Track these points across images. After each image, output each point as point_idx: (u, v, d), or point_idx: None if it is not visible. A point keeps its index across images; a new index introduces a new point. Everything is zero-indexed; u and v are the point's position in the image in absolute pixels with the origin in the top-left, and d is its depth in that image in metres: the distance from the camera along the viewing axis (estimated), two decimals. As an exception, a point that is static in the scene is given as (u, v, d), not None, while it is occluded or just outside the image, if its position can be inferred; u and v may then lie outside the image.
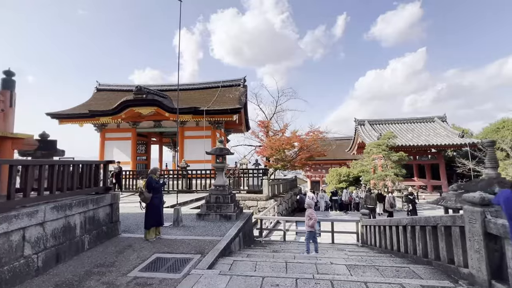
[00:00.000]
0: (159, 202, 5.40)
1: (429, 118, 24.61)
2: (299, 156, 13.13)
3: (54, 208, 3.88)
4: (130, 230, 6.12)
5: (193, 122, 17.78)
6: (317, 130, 14.12)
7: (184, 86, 20.73)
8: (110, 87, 20.88)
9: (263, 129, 13.94)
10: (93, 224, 4.79)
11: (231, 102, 17.02)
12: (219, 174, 7.61)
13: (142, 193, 5.20)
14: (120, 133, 18.19)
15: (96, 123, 17.01)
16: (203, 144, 17.30)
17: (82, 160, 4.85)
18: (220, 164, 7.55)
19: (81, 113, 16.47)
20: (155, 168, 5.65)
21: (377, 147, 17.51)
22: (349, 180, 33.17)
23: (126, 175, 14.44)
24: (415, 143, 20.21)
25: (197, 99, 18.22)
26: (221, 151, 7.48)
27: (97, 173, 5.16)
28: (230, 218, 6.96)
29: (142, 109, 15.91)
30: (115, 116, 16.09)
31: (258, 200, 12.04)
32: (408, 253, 4.90)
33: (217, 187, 7.41)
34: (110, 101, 18.15)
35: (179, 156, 17.47)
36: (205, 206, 7.25)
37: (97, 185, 5.16)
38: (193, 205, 10.63)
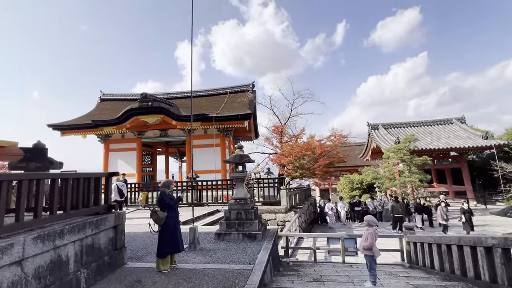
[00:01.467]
0: (175, 223, 4.36)
1: (447, 120, 23.44)
2: (317, 163, 12.08)
3: (38, 239, 2.86)
4: (138, 256, 5.06)
5: (201, 130, 16.89)
6: (339, 133, 13.09)
7: (189, 94, 19.99)
8: (114, 96, 20.22)
9: (277, 135, 12.94)
10: (92, 254, 3.76)
11: (240, 108, 16.14)
12: (239, 185, 6.58)
13: (155, 212, 4.17)
14: (125, 144, 17.34)
15: (100, 133, 16.21)
16: (212, 153, 16.36)
17: (78, 173, 3.87)
18: (240, 173, 6.52)
19: (84, 123, 15.69)
20: (168, 181, 4.64)
21: (397, 151, 16.34)
22: (363, 188, 31.73)
23: (132, 188, 13.46)
24: (435, 146, 18.99)
25: (205, 106, 17.39)
26: (241, 159, 6.47)
27: (98, 188, 4.17)
28: (255, 237, 5.86)
29: (147, 117, 15.09)
30: (120, 125, 15.27)
31: (276, 212, 10.91)
32: (501, 284, 3.75)
33: (238, 201, 6.36)
34: (114, 111, 17.41)
35: (187, 166, 16.48)
36: (224, 224, 6.17)
37: (98, 203, 4.15)
38: (205, 220, 9.55)
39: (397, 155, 16.10)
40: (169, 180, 4.66)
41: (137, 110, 14.79)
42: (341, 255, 7.00)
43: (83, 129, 15.73)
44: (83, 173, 4.02)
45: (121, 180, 12.19)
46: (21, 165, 4.27)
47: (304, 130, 12.96)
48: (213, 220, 9.54)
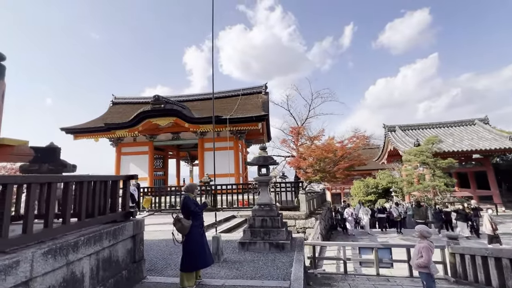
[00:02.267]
0: (201, 232, 3.86)
1: (469, 120, 22.33)
2: (337, 166, 11.45)
3: (49, 253, 2.41)
4: (157, 268, 4.57)
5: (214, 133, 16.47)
6: (361, 134, 12.41)
7: (202, 96, 19.73)
8: (125, 100, 20.13)
9: (294, 136, 12.36)
10: (109, 269, 3.29)
11: (254, 110, 15.68)
12: (264, 190, 6.05)
13: (179, 220, 3.68)
14: (137, 147, 17.11)
15: (112, 137, 16.02)
16: (225, 157, 15.90)
17: (94, 175, 3.43)
18: (265, 177, 5.99)
19: (96, 126, 15.54)
20: (192, 185, 4.14)
21: (419, 154, 15.48)
22: (378, 192, 30.64)
23: (144, 192, 13.11)
24: (460, 148, 17.99)
25: (218, 108, 17.01)
26: (265, 161, 5.95)
27: (115, 192, 3.72)
28: (284, 247, 5.30)
29: (160, 120, 14.80)
30: (132, 128, 15.03)
31: (296, 218, 10.29)
32: None
33: (262, 207, 5.82)
34: (126, 114, 17.25)
35: (199, 170, 16.08)
36: (248, 232, 5.63)
37: (115, 210, 3.70)
38: (222, 227, 9.01)
39: (419, 157, 15.25)
40: (193, 183, 4.17)
41: (150, 113, 14.52)
42: (375, 267, 6.33)
43: (96, 133, 15.57)
44: (99, 175, 3.57)
45: (134, 184, 11.86)
46: (33, 168, 3.88)
47: (323, 131, 12.37)
48: (229, 226, 9.01)
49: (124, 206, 3.90)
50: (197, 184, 4.27)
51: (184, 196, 3.94)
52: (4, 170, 15.53)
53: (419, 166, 17.02)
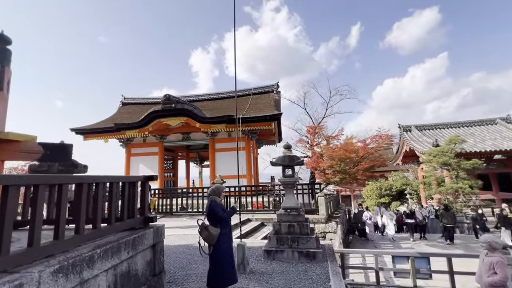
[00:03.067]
0: (230, 242, 3.38)
1: (490, 120, 21.33)
2: (357, 167, 10.83)
3: (59, 272, 1.95)
4: (177, 280, 4.11)
5: (225, 133, 16.07)
6: (386, 134, 11.72)
7: (212, 96, 19.36)
8: (135, 100, 19.92)
9: (311, 136, 11.77)
10: (128, 285, 2.82)
11: (266, 109, 15.18)
12: (289, 192, 5.54)
13: (206, 228, 3.21)
14: (147, 148, 16.82)
15: (122, 137, 15.75)
16: (237, 157, 15.43)
17: (110, 176, 2.98)
18: (290, 178, 5.48)
19: (106, 127, 15.30)
20: (219, 187, 3.66)
21: (440, 154, 14.70)
22: (392, 194, 29.76)
23: (154, 194, 12.74)
24: (481, 149, 17.07)
25: (228, 107, 16.59)
26: (291, 161, 5.44)
27: (133, 195, 3.27)
28: (315, 257, 4.76)
29: (170, 120, 14.45)
30: (142, 129, 14.72)
31: (316, 222, 9.72)
32: None
33: (289, 211, 5.30)
34: (136, 114, 16.99)
35: (210, 171, 15.66)
36: (274, 239, 5.12)
37: (133, 216, 3.24)
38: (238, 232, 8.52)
39: (441, 158, 14.47)
40: (219, 185, 3.69)
41: (160, 113, 14.19)
42: (411, 278, 5.73)
43: (106, 133, 15.33)
44: (116, 176, 3.12)
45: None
46: (42, 169, 3.48)
47: (342, 131, 11.73)
48: (247, 231, 8.50)
49: (143, 211, 3.44)
50: (224, 186, 3.73)
51: (211, 200, 3.47)
52: (15, 172, 15.42)
53: (437, 167, 16.20)
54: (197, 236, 7.07)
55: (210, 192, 3.58)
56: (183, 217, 11.39)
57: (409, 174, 32.53)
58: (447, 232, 10.96)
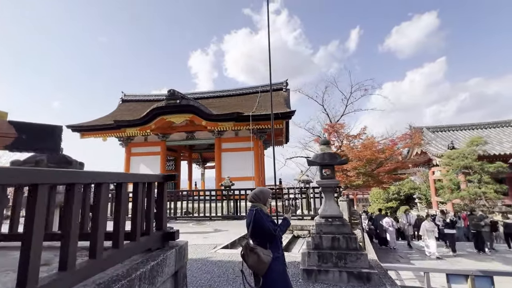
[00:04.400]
0: (285, 271, 2.40)
1: (505, 122, 20.59)
2: (378, 169, 9.94)
3: None
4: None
5: (232, 133, 15.12)
6: (419, 131, 10.70)
7: (218, 93, 18.43)
8: (136, 97, 18.94)
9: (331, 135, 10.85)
10: None
11: (277, 107, 14.25)
12: (329, 197, 4.59)
13: (253, 251, 2.23)
14: (148, 147, 15.81)
15: (121, 135, 14.73)
16: (245, 158, 14.50)
17: (117, 173, 2.02)
18: (330, 180, 4.54)
19: (105, 124, 14.28)
20: (263, 191, 2.66)
21: (461, 157, 13.84)
22: (400, 199, 28.88)
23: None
24: (500, 152, 16.25)
25: (235, 105, 15.67)
26: (332, 159, 4.50)
27: (149, 202, 2.31)
28: (369, 278, 3.80)
29: (175, 117, 13.47)
30: (144, 126, 13.73)
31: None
32: None
33: (331, 221, 4.35)
34: (137, 111, 16.01)
35: (216, 172, 14.68)
36: (315, 256, 4.15)
37: (148, 231, 2.27)
38: (254, 239, 7.55)
39: (463, 161, 13.59)
40: (264, 188, 2.74)
41: (164, 109, 13.22)
42: (471, 301, 4.77)
43: (104, 131, 14.31)
44: (124, 173, 2.16)
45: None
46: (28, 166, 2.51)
47: (365, 129, 10.74)
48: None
49: (160, 224, 2.47)
50: (270, 190, 2.71)
51: (255, 209, 2.50)
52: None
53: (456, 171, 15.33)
54: (210, 246, 6.08)
55: (253, 198, 2.61)
56: (189, 222, 10.39)
57: (415, 178, 31.71)
58: (480, 240, 10.05)
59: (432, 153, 18.48)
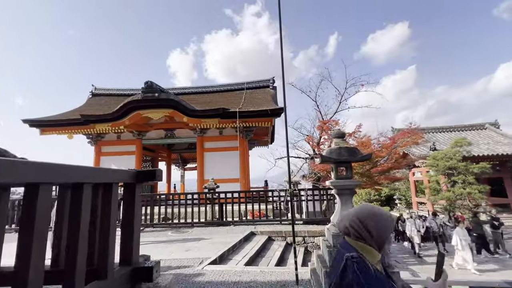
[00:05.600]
0: None
1: (479, 125, 21.48)
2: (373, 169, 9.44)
3: None
4: None
5: (216, 131, 14.05)
6: (419, 130, 10.25)
7: (200, 89, 17.24)
8: (108, 91, 17.19)
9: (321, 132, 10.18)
10: None
11: (265, 104, 13.44)
12: (346, 203, 3.78)
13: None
14: (121, 146, 14.25)
15: (90, 132, 13.09)
16: (230, 158, 13.49)
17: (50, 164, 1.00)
18: (348, 181, 3.74)
19: (70, 119, 12.56)
20: (376, 217, 1.15)
21: (447, 158, 13.91)
22: (381, 200, 29.35)
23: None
24: (479, 153, 16.72)
25: (220, 102, 14.62)
26: (351, 154, 3.71)
27: (106, 216, 1.29)
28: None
29: (152, 112, 12.14)
30: (116, 122, 12.23)
31: (334, 236, 8.03)
32: None
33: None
34: (109, 106, 14.38)
35: (198, 174, 13.49)
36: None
37: (104, 271, 1.25)
38: (245, 251, 6.56)
39: (448, 162, 13.65)
40: (379, 212, 1.15)
41: (140, 103, 11.84)
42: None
43: (69, 126, 12.58)
44: (61, 164, 1.15)
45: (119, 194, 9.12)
46: None
47: (360, 127, 10.10)
48: (256, 250, 6.58)
49: (129, 253, 1.46)
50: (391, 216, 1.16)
51: (351, 257, 1.10)
52: None
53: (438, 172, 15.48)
54: (194, 261, 5.01)
55: (351, 228, 1.21)
56: (167, 230, 9.16)
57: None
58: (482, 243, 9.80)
59: (415, 154, 18.67)
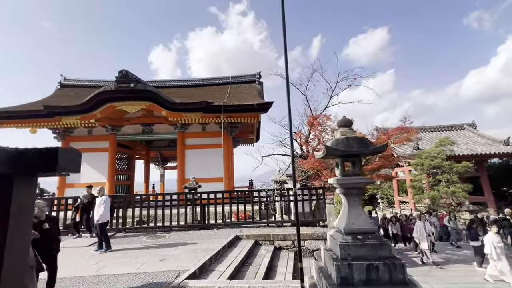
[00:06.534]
0: None
1: (458, 125, 22.11)
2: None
3: None
4: None
5: (199, 127, 13.16)
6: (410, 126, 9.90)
7: (182, 83, 16.20)
8: (80, 82, 15.70)
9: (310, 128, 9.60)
10: None
11: (251, 99, 12.73)
12: (353, 203, 3.15)
13: None
14: (93, 142, 12.97)
15: (57, 126, 11.71)
16: (213, 156, 12.67)
17: None
18: (354, 177, 3.12)
19: (32, 110, 11.14)
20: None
21: (432, 157, 13.94)
22: (364, 199, 29.58)
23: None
24: (459, 153, 17.05)
25: (203, 96, 13.71)
26: (363, 145, 3.09)
27: None
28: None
29: (127, 105, 11.04)
30: (86, 115, 11.01)
31: (326, 239, 7.47)
32: None
33: (361, 238, 2.91)
34: (79, 99, 12.98)
35: (178, 172, 12.52)
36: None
37: None
38: (230, 259, 5.81)
39: (433, 161, 13.67)
40: None
41: (114, 94, 10.70)
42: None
43: (31, 119, 11.15)
44: None
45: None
46: None
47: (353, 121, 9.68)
48: (241, 259, 5.84)
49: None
50: None
51: None
52: None
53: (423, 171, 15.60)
54: (170, 275, 4.22)
55: None
56: (142, 235, 8.19)
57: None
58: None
59: (397, 153, 18.78)
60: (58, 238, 4.15)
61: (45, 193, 10.37)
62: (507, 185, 20.36)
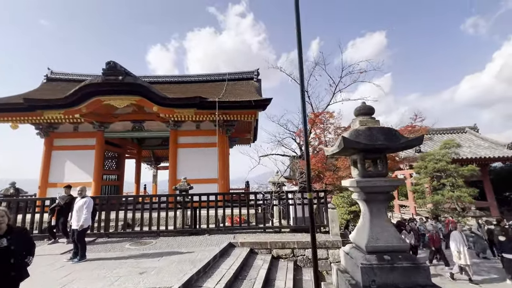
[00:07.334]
0: None
1: (460, 128, 21.66)
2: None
3: None
4: None
5: (192, 124, 12.42)
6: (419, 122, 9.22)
7: (176, 78, 15.46)
8: (67, 76, 14.89)
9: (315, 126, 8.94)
10: None
11: (248, 95, 12.04)
12: (376, 211, 2.45)
13: None
14: (79, 140, 12.14)
15: (39, 121, 10.88)
16: (207, 156, 11.94)
17: None
18: (380, 179, 2.42)
19: (10, 103, 10.31)
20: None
21: (436, 160, 13.36)
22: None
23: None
24: (463, 156, 16.55)
25: (197, 92, 12.97)
26: (389, 138, 2.39)
27: None
28: None
29: (116, 99, 10.27)
30: (70, 110, 10.21)
31: (329, 247, 6.78)
32: None
33: (389, 259, 2.20)
34: (65, 92, 12.21)
35: (170, 173, 11.76)
36: None
37: None
38: (221, 271, 5.07)
39: (438, 164, 13.08)
40: None
41: (101, 87, 9.93)
42: None
43: (10, 113, 10.33)
44: None
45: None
46: None
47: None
48: (236, 268, 5.11)
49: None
50: None
51: None
52: None
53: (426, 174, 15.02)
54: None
55: None
56: (126, 240, 7.41)
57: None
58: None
59: (399, 156, 18.21)
60: (25, 260, 2.82)
61: (21, 193, 9.52)
62: (509, 189, 19.91)
